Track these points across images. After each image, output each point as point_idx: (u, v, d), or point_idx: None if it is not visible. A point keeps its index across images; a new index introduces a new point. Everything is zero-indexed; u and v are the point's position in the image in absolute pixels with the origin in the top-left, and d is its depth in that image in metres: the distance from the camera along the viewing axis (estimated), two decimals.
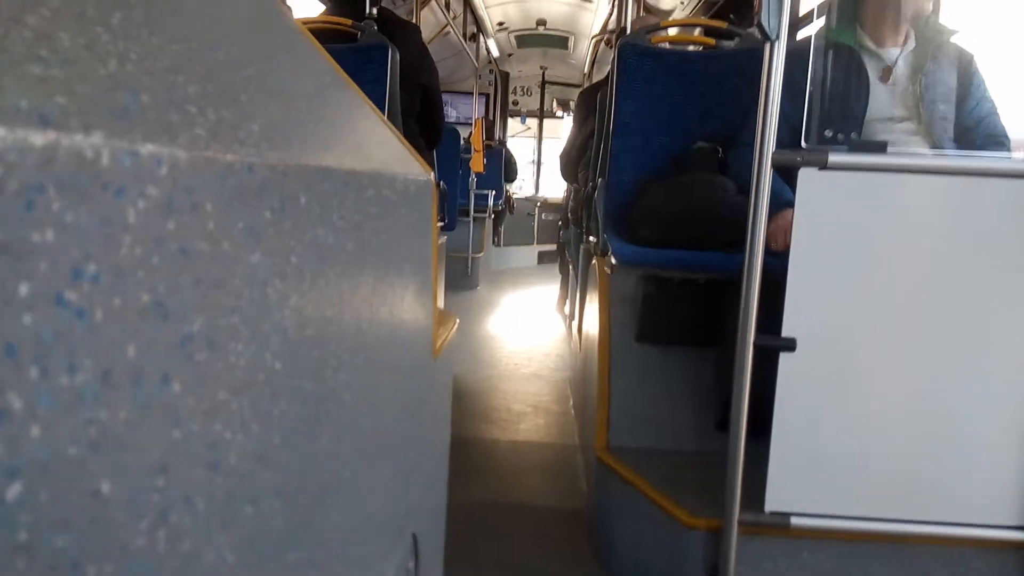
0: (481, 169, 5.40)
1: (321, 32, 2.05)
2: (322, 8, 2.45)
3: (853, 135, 1.59)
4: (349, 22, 2.05)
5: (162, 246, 0.25)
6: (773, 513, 1.30)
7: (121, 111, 0.23)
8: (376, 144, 0.64)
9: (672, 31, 2.57)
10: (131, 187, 0.23)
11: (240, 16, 0.40)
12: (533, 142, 8.83)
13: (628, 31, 2.36)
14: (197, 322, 0.27)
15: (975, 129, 1.68)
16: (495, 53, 7.25)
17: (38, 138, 0.19)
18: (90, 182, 0.21)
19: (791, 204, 1.27)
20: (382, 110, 1.91)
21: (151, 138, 0.24)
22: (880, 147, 1.27)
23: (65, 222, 0.20)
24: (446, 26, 5.49)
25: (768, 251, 1.27)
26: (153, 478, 0.25)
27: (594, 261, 2.17)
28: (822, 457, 1.30)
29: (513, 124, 8.75)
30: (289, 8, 2.56)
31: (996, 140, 1.69)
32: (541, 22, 6.50)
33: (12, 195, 0.18)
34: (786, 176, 1.41)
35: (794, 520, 1.29)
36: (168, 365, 0.25)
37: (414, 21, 3.64)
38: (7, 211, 0.18)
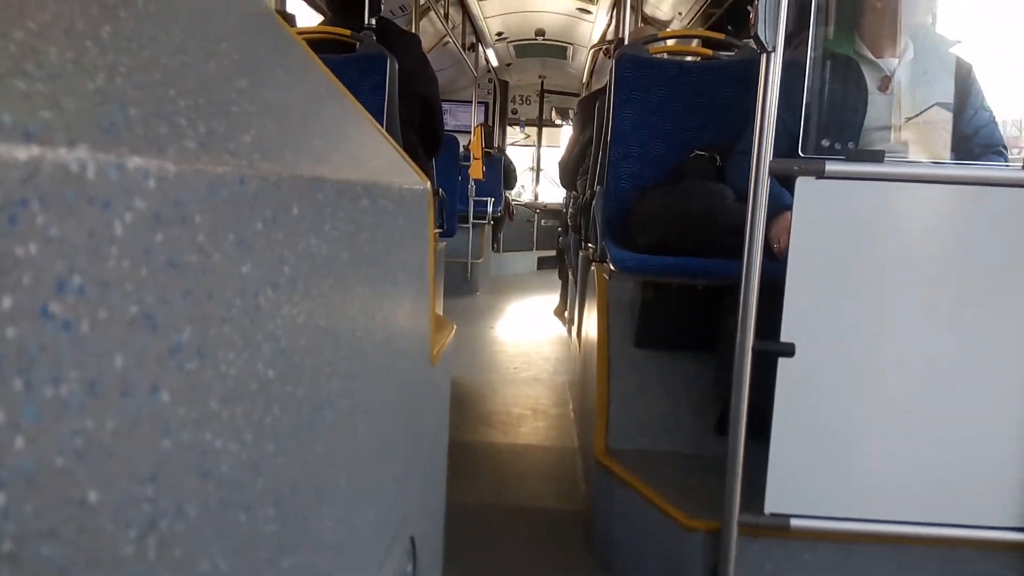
0: (480, 176, 5.42)
1: (320, 42, 2.06)
2: (321, 19, 2.46)
3: (851, 144, 1.59)
4: (348, 32, 2.06)
5: (150, 258, 0.25)
6: (773, 515, 1.30)
7: (108, 125, 0.23)
8: (371, 154, 0.64)
9: (670, 42, 2.58)
10: (118, 200, 0.23)
11: (233, 28, 0.40)
12: (532, 150, 8.85)
13: (626, 41, 2.37)
14: (187, 332, 0.28)
15: (973, 138, 1.69)
16: (494, 63, 7.27)
17: (22, 152, 0.19)
18: (75, 196, 0.21)
19: (790, 207, 1.28)
20: (381, 120, 1.92)
21: (138, 151, 0.24)
22: (877, 156, 1.28)
23: (49, 235, 0.20)
24: (445, 36, 5.52)
25: (766, 257, 1.27)
26: (143, 487, 0.25)
27: (593, 267, 2.17)
28: (821, 459, 1.30)
29: (512, 132, 8.77)
30: (292, 16, 2.58)
31: (994, 149, 1.69)
32: (540, 32, 6.53)
33: None
34: (784, 184, 1.41)
35: (794, 522, 1.30)
36: (157, 375, 0.26)
37: (413, 31, 3.66)
38: None
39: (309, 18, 3.81)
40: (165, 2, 0.31)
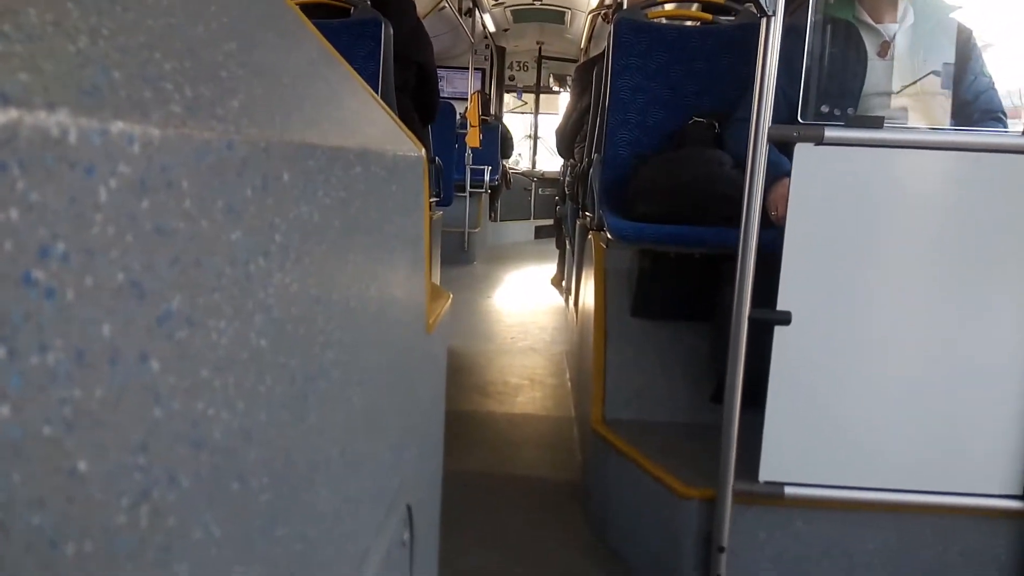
0: (477, 144, 5.38)
1: (313, 7, 2.03)
2: None
3: (850, 110, 1.58)
4: None
5: (136, 224, 0.24)
6: (767, 483, 1.31)
7: (90, 88, 0.23)
8: (365, 120, 0.63)
9: (669, 6, 2.54)
10: (101, 165, 0.22)
11: None
12: (530, 117, 8.77)
13: (625, 6, 2.34)
14: (175, 300, 0.27)
15: (973, 104, 1.68)
16: (491, 28, 7.17)
17: None
18: (56, 160, 0.20)
19: (788, 174, 1.27)
20: (375, 86, 1.90)
21: (122, 115, 0.24)
22: (877, 122, 1.27)
23: (30, 201, 0.20)
24: (441, 1, 5.43)
25: (764, 225, 1.27)
26: (134, 456, 0.25)
27: (590, 236, 2.17)
28: (816, 428, 1.31)
29: (509, 99, 8.69)
30: None
31: (993, 115, 1.68)
32: None
33: None
34: (783, 150, 1.40)
35: (788, 490, 1.31)
36: (146, 344, 0.25)
37: None
38: None
39: None
40: None
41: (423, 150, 0.87)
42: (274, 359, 0.38)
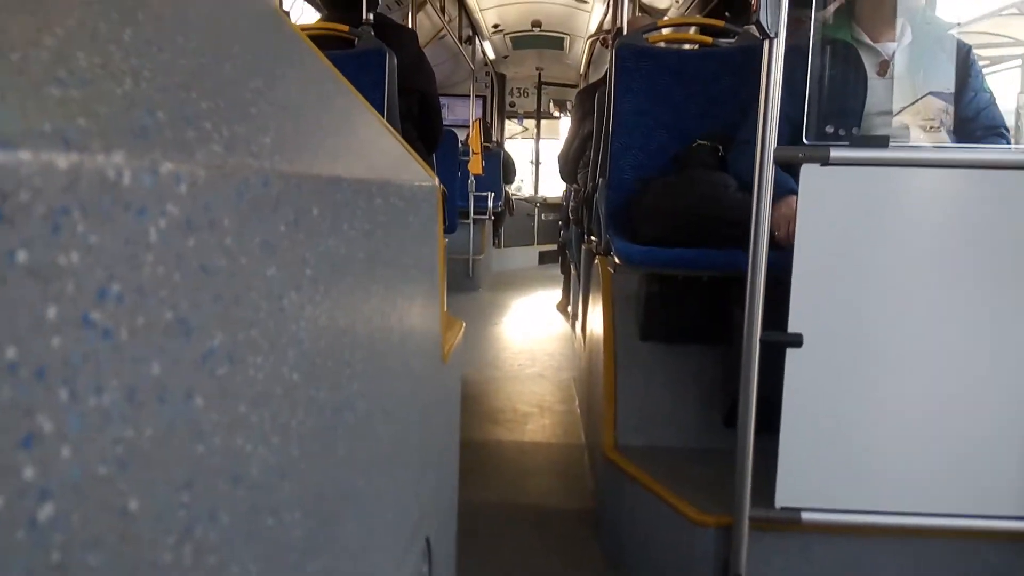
0: (480, 171, 5.41)
1: (318, 39, 2.05)
2: (319, 16, 2.45)
3: (854, 130, 1.59)
4: (346, 28, 2.05)
5: (183, 263, 0.25)
6: (784, 508, 1.30)
7: (140, 130, 0.23)
8: (381, 151, 0.64)
9: (668, 30, 2.57)
10: (152, 206, 0.23)
11: (243, 27, 0.40)
12: (531, 143, 8.83)
13: (624, 31, 2.36)
14: (218, 337, 0.27)
15: (975, 120, 1.69)
16: (491, 55, 7.25)
17: (62, 160, 0.19)
18: (113, 202, 0.21)
19: (794, 192, 1.27)
20: (381, 115, 1.91)
21: (169, 156, 0.24)
22: (882, 141, 1.27)
23: (90, 243, 0.20)
24: (442, 29, 5.50)
25: (772, 247, 1.27)
26: (179, 494, 0.25)
27: (596, 261, 2.17)
28: (832, 452, 1.30)
29: (510, 126, 8.75)
30: (287, 14, 2.57)
31: (996, 131, 1.69)
32: (536, 23, 6.50)
33: (39, 219, 0.18)
34: (787, 171, 1.41)
35: (805, 515, 1.29)
36: (191, 381, 0.26)
37: (410, 26, 3.64)
38: (34, 235, 0.18)
39: (306, 15, 3.79)
40: (177, 3, 0.31)
41: (436, 178, 0.88)
42: (305, 392, 0.38)
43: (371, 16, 2.09)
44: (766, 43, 1.21)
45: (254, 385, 0.31)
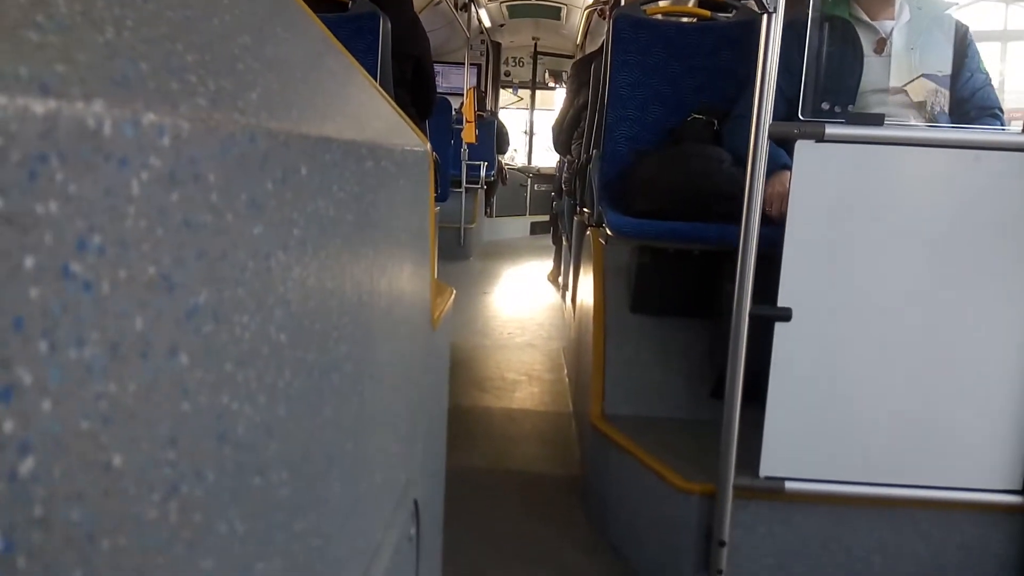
0: (473, 140, 5.37)
1: (311, 2, 2.02)
2: None
3: (849, 107, 1.58)
4: None
5: (166, 218, 0.24)
6: (767, 478, 1.32)
7: (121, 79, 0.22)
8: (373, 114, 0.63)
9: (666, 2, 2.54)
10: (134, 157, 0.22)
11: None
12: (525, 113, 8.76)
13: (623, 2, 2.33)
14: (203, 295, 0.27)
15: (970, 101, 1.68)
16: (487, 23, 7.16)
17: (39, 107, 0.18)
18: (93, 152, 0.20)
19: (788, 167, 1.27)
20: (374, 80, 1.89)
21: (152, 107, 0.24)
22: (877, 120, 1.27)
23: (69, 193, 0.19)
24: None
25: (764, 222, 1.27)
26: (164, 451, 0.25)
27: (588, 232, 2.17)
28: (816, 423, 1.31)
29: (505, 95, 8.67)
30: None
31: (990, 112, 1.69)
32: None
33: (15, 165, 0.18)
34: (781, 146, 1.41)
35: (788, 485, 1.32)
36: (175, 338, 0.25)
37: None
38: (10, 182, 0.18)
39: None
40: None
41: (428, 144, 0.87)
42: (292, 353, 0.37)
43: None
44: (764, 18, 1.20)
45: (240, 344, 0.31)
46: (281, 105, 0.38)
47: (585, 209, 2.37)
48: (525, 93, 8.64)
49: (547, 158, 7.96)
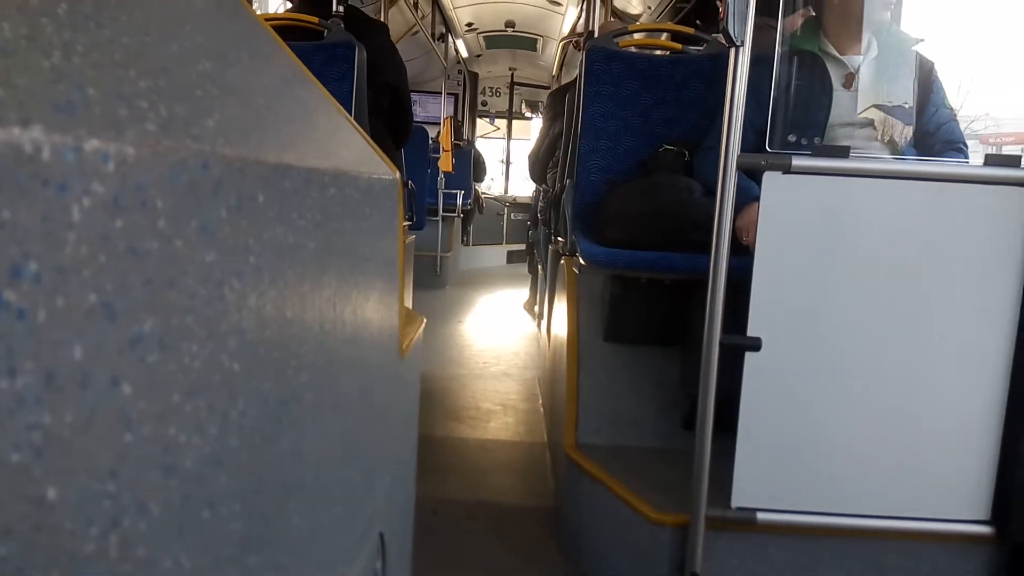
0: (450, 168, 5.39)
1: (287, 29, 2.03)
2: (288, 6, 2.42)
3: (816, 140, 1.62)
4: (316, 20, 2.03)
5: (109, 244, 0.24)
6: (740, 509, 1.31)
7: (64, 105, 0.22)
8: (339, 142, 0.63)
9: (639, 35, 2.59)
10: (75, 183, 0.22)
11: (197, 10, 0.39)
12: (502, 142, 8.83)
13: (596, 34, 2.37)
14: (148, 323, 0.27)
15: (935, 135, 1.72)
16: (464, 53, 7.23)
17: None
18: (29, 178, 0.20)
19: (758, 199, 1.29)
20: (348, 108, 1.90)
21: (96, 133, 0.23)
22: (843, 152, 1.30)
23: (2, 218, 0.19)
24: (415, 26, 5.47)
25: (734, 251, 1.28)
26: (103, 483, 0.24)
27: (562, 261, 2.18)
28: (787, 453, 1.32)
29: (482, 124, 8.74)
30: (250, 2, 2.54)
31: (954, 146, 1.73)
32: (510, 24, 6.50)
33: None
34: (752, 177, 1.43)
35: (760, 516, 1.31)
36: (117, 367, 0.25)
37: (382, 20, 3.61)
38: None
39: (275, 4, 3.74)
40: None
41: (397, 173, 0.87)
42: (247, 383, 0.37)
43: (341, 8, 2.07)
44: (732, 51, 1.22)
45: (189, 373, 0.30)
46: (238, 131, 0.37)
47: (559, 238, 2.38)
48: (502, 123, 8.72)
49: (524, 187, 8.00)
